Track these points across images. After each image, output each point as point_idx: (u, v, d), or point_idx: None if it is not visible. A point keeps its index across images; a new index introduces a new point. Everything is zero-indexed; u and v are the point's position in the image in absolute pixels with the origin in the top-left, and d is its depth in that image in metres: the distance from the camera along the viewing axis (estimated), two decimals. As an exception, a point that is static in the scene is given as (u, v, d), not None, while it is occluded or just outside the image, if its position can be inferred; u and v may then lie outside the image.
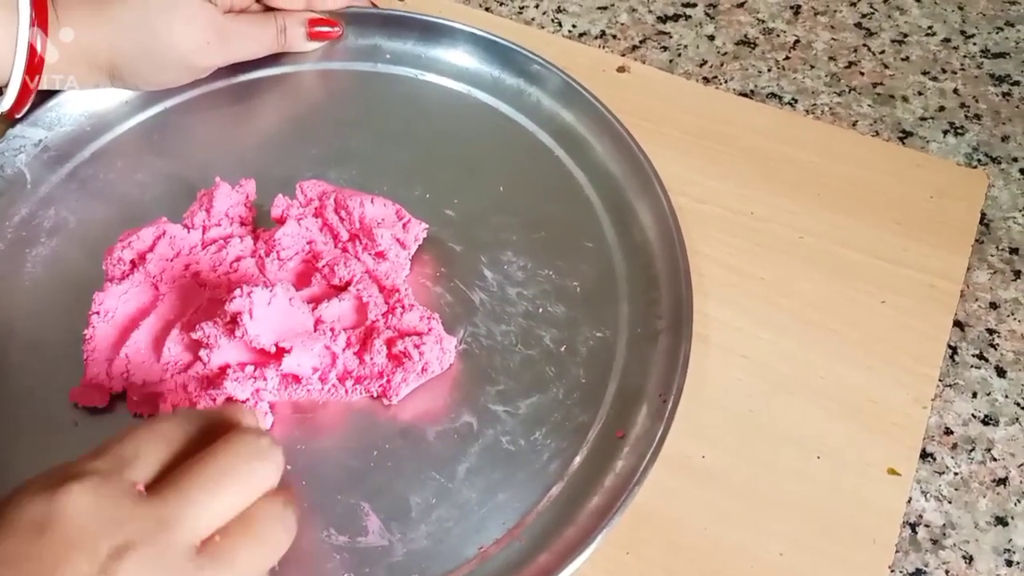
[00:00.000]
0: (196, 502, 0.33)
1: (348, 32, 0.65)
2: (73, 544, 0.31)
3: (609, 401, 0.50)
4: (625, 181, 0.58)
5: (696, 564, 0.45)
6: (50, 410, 0.49)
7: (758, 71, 0.69)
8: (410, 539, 0.45)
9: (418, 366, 0.49)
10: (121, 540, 0.31)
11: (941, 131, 0.65)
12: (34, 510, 0.31)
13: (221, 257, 0.53)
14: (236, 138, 0.63)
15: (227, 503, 0.34)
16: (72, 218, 0.58)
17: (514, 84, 0.64)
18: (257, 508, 0.35)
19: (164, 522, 0.32)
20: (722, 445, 0.49)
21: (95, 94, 0.62)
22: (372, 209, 0.54)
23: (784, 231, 0.57)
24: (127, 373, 0.49)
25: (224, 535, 0.33)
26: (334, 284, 0.53)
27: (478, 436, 0.49)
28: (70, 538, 0.31)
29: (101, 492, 0.32)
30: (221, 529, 0.34)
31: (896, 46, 0.70)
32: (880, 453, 0.48)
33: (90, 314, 0.51)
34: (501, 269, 0.55)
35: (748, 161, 0.61)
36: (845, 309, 0.54)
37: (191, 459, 0.34)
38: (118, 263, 0.52)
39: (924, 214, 0.58)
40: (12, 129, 0.60)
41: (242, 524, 0.34)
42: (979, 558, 0.46)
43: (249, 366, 0.48)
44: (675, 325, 0.51)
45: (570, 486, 0.47)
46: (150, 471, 0.34)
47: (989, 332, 0.54)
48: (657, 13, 0.73)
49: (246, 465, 0.35)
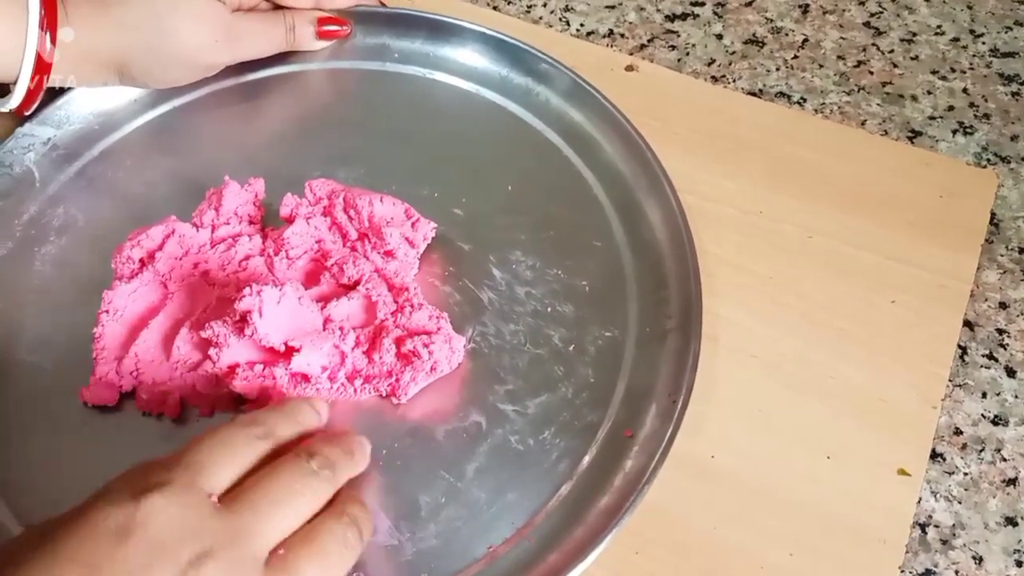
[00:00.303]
0: (266, 516, 0.35)
1: (356, 31, 0.65)
2: (155, 551, 0.32)
3: (618, 401, 0.50)
4: (634, 180, 0.58)
5: (705, 564, 0.45)
6: (60, 408, 0.49)
7: (766, 70, 0.69)
8: (419, 538, 0.45)
9: (427, 365, 0.49)
10: (200, 549, 0.33)
11: (950, 130, 0.64)
12: (116, 517, 0.33)
13: (230, 256, 0.53)
14: (245, 137, 0.63)
15: (291, 518, 0.36)
16: (81, 216, 0.58)
17: (522, 83, 0.64)
18: (319, 525, 0.37)
19: (238, 534, 0.34)
20: (731, 445, 0.49)
21: (103, 93, 0.62)
22: (381, 208, 0.54)
23: (793, 230, 0.57)
24: (136, 372, 0.49)
25: (288, 549, 0.35)
26: (343, 283, 0.53)
27: (487, 435, 0.49)
28: (152, 546, 0.32)
29: (180, 502, 0.34)
30: (285, 543, 0.35)
31: (905, 45, 0.70)
32: (890, 453, 0.48)
33: (99, 313, 0.51)
34: (510, 268, 0.55)
35: (757, 160, 0.61)
36: (854, 309, 0.54)
37: (258, 475, 0.37)
38: (127, 262, 0.52)
39: (934, 214, 0.58)
40: (21, 127, 0.60)
41: (305, 539, 0.36)
42: (989, 558, 0.46)
43: (258, 365, 0.48)
44: (684, 325, 0.51)
45: (579, 486, 0.47)
46: (223, 482, 0.36)
47: (999, 332, 0.54)
48: (665, 12, 0.73)
49: (302, 483, 0.37)
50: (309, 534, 0.36)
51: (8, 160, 0.59)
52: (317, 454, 0.39)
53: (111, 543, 0.32)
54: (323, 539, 0.36)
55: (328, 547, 0.36)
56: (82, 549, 0.32)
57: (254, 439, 0.38)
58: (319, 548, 0.36)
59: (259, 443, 0.38)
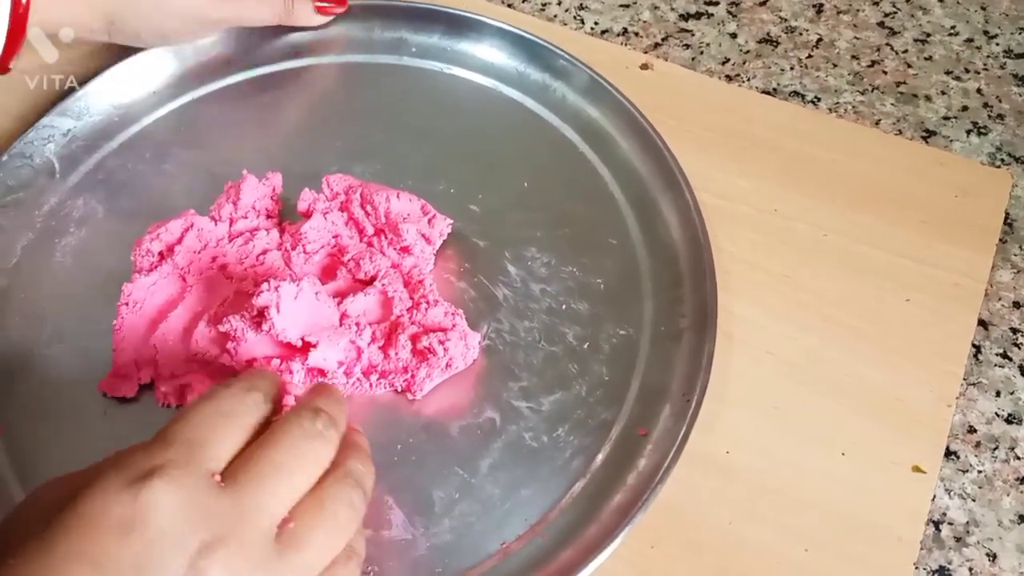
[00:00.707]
0: (272, 489, 0.33)
1: (374, 25, 0.66)
2: (161, 542, 0.30)
3: (632, 399, 0.50)
4: (650, 178, 0.58)
5: (720, 560, 0.45)
6: (79, 400, 0.50)
7: (780, 69, 0.69)
8: (433, 533, 0.45)
9: (442, 362, 0.49)
10: (208, 536, 0.31)
11: (964, 130, 0.64)
12: (118, 508, 0.31)
13: (247, 250, 0.53)
14: (262, 130, 0.63)
15: (296, 486, 0.34)
16: (100, 208, 0.58)
17: (540, 79, 0.64)
18: (324, 489, 0.35)
19: (245, 513, 0.32)
20: (746, 441, 0.49)
21: (123, 85, 0.63)
22: (398, 204, 0.54)
23: (808, 229, 0.57)
24: (155, 364, 0.50)
25: (296, 520, 0.34)
26: (359, 278, 0.53)
27: (501, 432, 0.49)
28: (158, 537, 0.30)
29: (183, 487, 0.32)
30: (292, 513, 0.34)
31: (919, 45, 0.70)
32: (904, 451, 0.48)
33: (119, 305, 0.51)
34: (525, 265, 0.55)
35: (771, 159, 0.61)
36: (869, 307, 0.54)
37: (258, 441, 0.35)
38: (147, 255, 0.52)
39: (948, 213, 0.58)
40: (42, 119, 0.60)
41: (312, 506, 0.34)
42: (1003, 556, 0.47)
43: (275, 359, 0.48)
44: (699, 324, 0.51)
45: (593, 483, 0.47)
46: (225, 458, 0.34)
47: (1013, 331, 0.54)
48: (679, 11, 0.73)
49: (307, 444, 0.35)
50: (316, 501, 0.34)
51: (28, 151, 0.59)
52: (321, 410, 0.36)
53: (114, 538, 0.30)
54: (330, 504, 0.35)
55: (336, 511, 0.35)
56: (84, 545, 0.30)
57: (252, 405, 0.36)
58: (328, 514, 0.34)
59: (257, 409, 0.36)
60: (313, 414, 0.36)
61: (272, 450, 0.34)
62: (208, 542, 0.31)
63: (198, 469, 0.33)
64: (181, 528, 0.31)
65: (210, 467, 0.33)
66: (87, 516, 0.31)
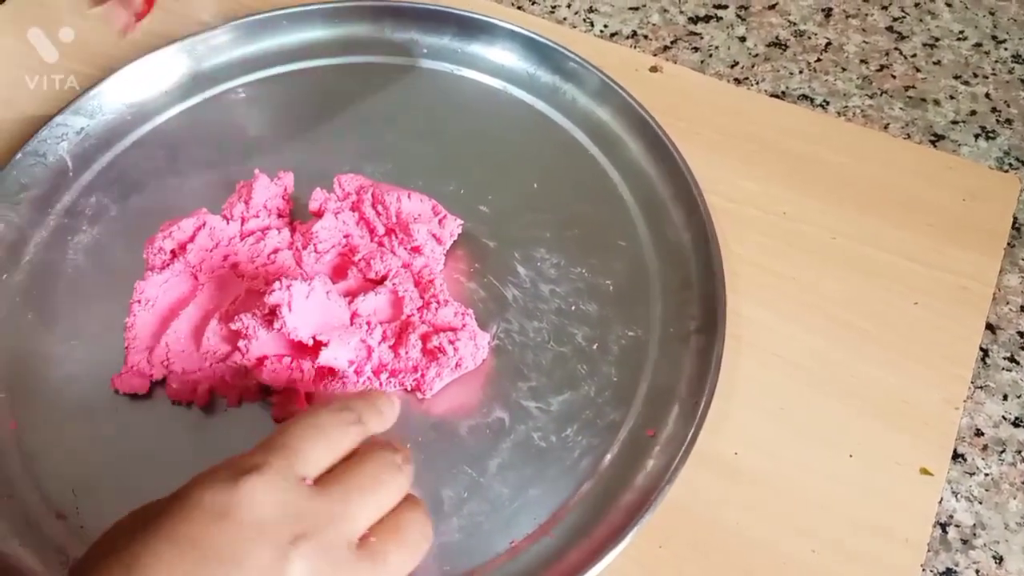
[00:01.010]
0: (357, 503, 0.36)
1: (385, 26, 0.66)
2: (255, 529, 0.33)
3: (640, 400, 0.50)
4: (659, 180, 0.59)
5: (728, 560, 0.46)
6: (91, 396, 0.50)
7: (789, 72, 0.69)
8: (441, 532, 0.46)
9: (452, 361, 0.50)
10: (299, 530, 0.33)
11: (973, 135, 0.65)
12: (215, 498, 0.33)
13: (259, 249, 0.54)
14: (274, 130, 0.64)
15: (379, 505, 0.37)
16: (113, 206, 0.58)
17: (550, 81, 0.64)
18: (401, 514, 0.38)
19: (332, 517, 0.35)
20: (754, 442, 0.49)
21: (136, 84, 0.63)
22: (409, 204, 0.54)
23: (816, 232, 0.58)
24: (167, 361, 0.50)
25: (377, 536, 0.36)
26: (370, 278, 0.53)
27: (510, 432, 0.49)
28: (252, 524, 0.33)
29: (278, 483, 0.34)
30: (372, 530, 0.36)
31: (928, 50, 0.70)
32: (912, 453, 0.49)
33: (131, 302, 0.52)
34: (534, 266, 0.55)
35: (780, 162, 0.61)
36: (877, 309, 0.54)
37: (348, 462, 0.38)
38: (159, 253, 0.53)
39: (956, 217, 0.58)
40: (55, 117, 0.61)
41: (390, 527, 0.37)
42: (1009, 558, 0.47)
43: (286, 358, 0.49)
44: (708, 326, 0.51)
45: (601, 483, 0.47)
46: (319, 467, 0.37)
47: (1020, 335, 0.55)
48: (688, 14, 0.74)
49: (389, 474, 0.38)
50: (395, 523, 0.37)
51: (42, 149, 0.60)
52: (400, 451, 0.39)
53: (211, 522, 0.33)
54: (407, 530, 0.37)
55: (412, 538, 0.37)
56: (182, 528, 0.32)
57: (347, 426, 0.39)
58: (405, 538, 0.37)
59: (352, 431, 0.39)
60: (394, 449, 0.39)
61: (360, 470, 0.37)
62: (298, 535, 0.33)
63: (293, 472, 0.35)
64: (273, 519, 0.33)
65: (304, 472, 0.36)
66: (189, 502, 0.33)
